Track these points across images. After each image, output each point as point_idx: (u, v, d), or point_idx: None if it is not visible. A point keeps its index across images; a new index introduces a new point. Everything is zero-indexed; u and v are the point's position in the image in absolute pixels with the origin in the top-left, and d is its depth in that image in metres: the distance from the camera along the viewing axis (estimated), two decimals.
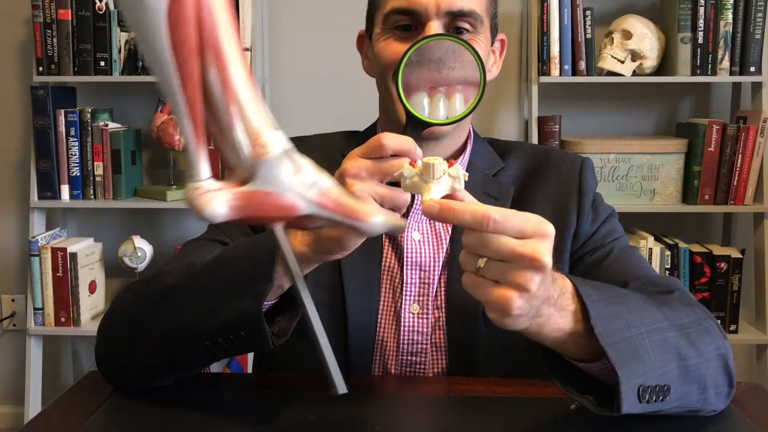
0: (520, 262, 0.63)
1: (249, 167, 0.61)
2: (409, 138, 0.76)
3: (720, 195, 2.18)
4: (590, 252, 1.01)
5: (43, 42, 2.20)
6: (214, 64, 0.57)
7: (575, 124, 2.38)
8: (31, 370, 2.31)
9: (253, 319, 0.77)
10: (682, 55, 2.14)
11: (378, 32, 0.99)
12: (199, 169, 0.61)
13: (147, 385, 0.88)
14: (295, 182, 0.62)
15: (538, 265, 0.63)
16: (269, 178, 0.61)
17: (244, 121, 0.60)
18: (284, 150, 0.61)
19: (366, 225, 0.67)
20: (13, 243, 2.52)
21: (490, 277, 0.65)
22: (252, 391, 0.94)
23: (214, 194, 0.60)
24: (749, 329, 2.27)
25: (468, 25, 0.95)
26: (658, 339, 0.74)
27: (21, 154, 2.47)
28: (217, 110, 0.59)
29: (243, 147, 0.60)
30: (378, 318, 1.00)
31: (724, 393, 0.81)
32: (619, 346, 0.71)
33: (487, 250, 0.64)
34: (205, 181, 0.61)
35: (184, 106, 0.58)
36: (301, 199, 0.63)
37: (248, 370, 2.18)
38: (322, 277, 0.99)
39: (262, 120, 0.60)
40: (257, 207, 0.62)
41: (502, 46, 1.08)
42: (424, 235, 1.02)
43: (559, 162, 1.06)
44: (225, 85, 0.58)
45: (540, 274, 0.64)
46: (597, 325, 0.71)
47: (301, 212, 0.63)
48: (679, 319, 0.79)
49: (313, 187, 0.63)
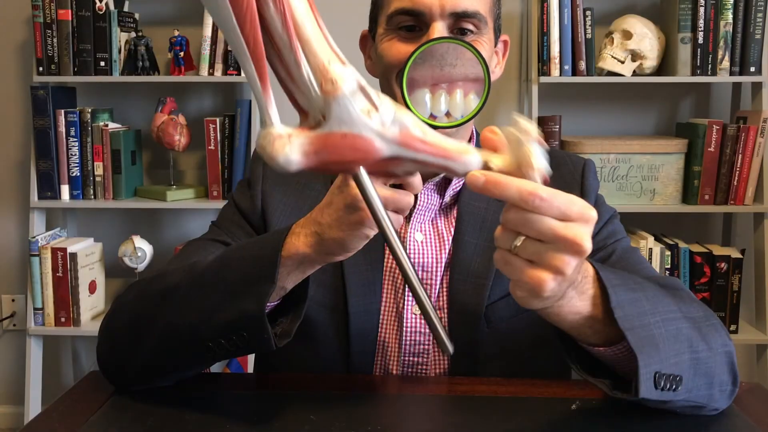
0: (560, 244, 0.61)
1: (320, 108, 0.56)
2: None
3: (720, 195, 2.18)
4: (592, 253, 1.01)
5: (43, 42, 2.20)
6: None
7: (575, 125, 2.38)
8: (31, 370, 2.31)
9: (255, 320, 0.77)
10: (682, 55, 2.14)
11: (382, 32, 0.99)
12: (269, 114, 0.57)
13: (148, 385, 0.88)
14: (374, 120, 0.57)
15: (579, 249, 0.61)
16: (343, 118, 0.56)
17: (309, 57, 0.55)
18: (358, 85, 0.56)
19: (460, 164, 0.60)
20: (13, 243, 2.52)
21: (526, 256, 0.63)
22: (252, 391, 0.94)
23: (286, 140, 0.56)
24: (749, 329, 2.27)
25: (472, 26, 0.95)
26: (673, 328, 0.75)
27: (21, 154, 2.47)
28: (280, 48, 0.55)
29: (311, 85, 0.56)
30: (380, 319, 1.00)
31: (728, 391, 0.82)
32: (637, 331, 0.72)
33: (529, 229, 0.61)
34: (276, 127, 0.57)
35: (243, 46, 0.54)
36: (381, 138, 0.57)
37: (248, 370, 2.18)
38: (324, 278, 0.99)
39: (329, 55, 0.56)
40: (332, 150, 0.57)
41: (505, 47, 1.08)
42: (427, 236, 1.02)
43: (560, 163, 1.06)
44: (285, 19, 0.54)
45: (578, 258, 0.62)
46: (617, 308, 0.71)
47: (382, 154, 0.58)
48: (691, 312, 0.80)
49: (395, 125, 0.58)
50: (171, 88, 2.37)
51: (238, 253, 0.85)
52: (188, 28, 2.28)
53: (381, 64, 0.99)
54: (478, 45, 0.95)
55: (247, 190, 1.07)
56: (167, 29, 2.30)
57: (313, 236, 0.78)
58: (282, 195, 1.04)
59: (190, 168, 2.48)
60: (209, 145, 2.26)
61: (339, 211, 0.76)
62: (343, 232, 0.76)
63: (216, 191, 2.27)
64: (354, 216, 0.74)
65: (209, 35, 2.20)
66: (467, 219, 1.01)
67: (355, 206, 0.74)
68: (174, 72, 2.25)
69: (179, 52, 2.24)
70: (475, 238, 1.00)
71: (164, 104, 2.27)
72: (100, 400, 0.86)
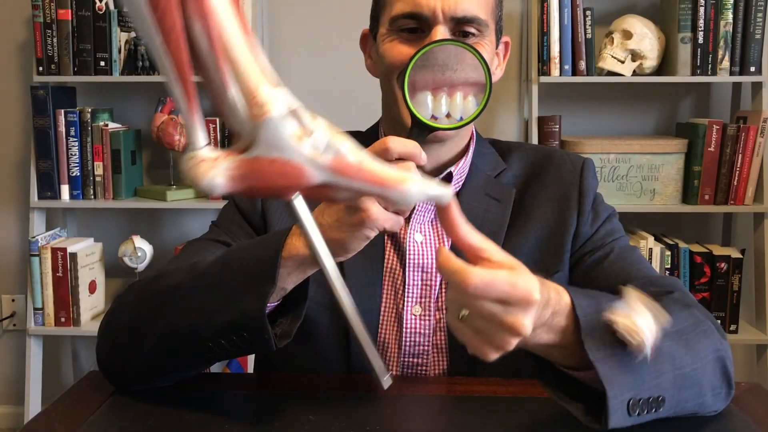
0: (500, 326, 0.63)
1: (250, 131, 0.54)
2: (414, 142, 0.76)
3: (720, 195, 2.18)
4: (590, 252, 1.01)
5: (43, 42, 2.20)
6: (197, 16, 0.51)
7: (575, 124, 2.38)
8: (31, 370, 2.31)
9: (256, 320, 0.77)
10: (682, 55, 2.14)
11: (384, 33, 0.99)
12: (195, 137, 0.55)
13: (148, 386, 0.88)
14: (305, 146, 0.55)
15: (518, 332, 0.62)
16: (272, 142, 0.54)
17: (238, 79, 0.53)
18: (289, 109, 0.55)
19: (398, 194, 0.59)
20: (13, 243, 2.52)
21: (472, 327, 0.64)
22: (252, 391, 0.94)
23: (212, 163, 0.54)
24: (749, 329, 2.27)
25: (473, 29, 0.95)
26: (653, 349, 0.72)
27: (21, 154, 2.47)
28: (207, 69, 0.53)
29: (239, 108, 0.54)
30: (380, 319, 1.00)
31: (723, 394, 0.81)
32: (611, 359, 0.69)
33: (470, 309, 0.63)
34: (202, 150, 0.55)
35: (170, 65, 0.51)
36: (312, 165, 0.55)
37: (248, 370, 2.18)
38: (323, 278, 0.99)
39: (259, 76, 0.54)
40: (260, 176, 0.55)
41: (506, 48, 1.08)
42: (427, 237, 1.02)
43: (560, 162, 1.06)
44: (212, 39, 0.52)
45: (519, 338, 0.63)
46: (587, 339, 0.69)
47: (313, 180, 0.56)
48: (676, 325, 0.77)
49: (329, 151, 0.56)
50: None
51: (239, 253, 0.85)
52: None
53: (382, 65, 0.99)
54: (480, 47, 0.95)
55: None
56: None
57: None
58: None
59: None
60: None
61: (339, 212, 0.76)
62: (343, 233, 0.75)
63: None
64: (354, 217, 0.74)
65: None
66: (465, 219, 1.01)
67: (355, 207, 0.74)
68: None
69: None
70: None
71: (164, 104, 2.27)
72: (99, 399, 0.86)
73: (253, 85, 0.53)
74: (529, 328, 0.63)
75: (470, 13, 0.94)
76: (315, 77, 2.41)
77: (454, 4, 0.93)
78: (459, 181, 1.03)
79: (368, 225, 0.74)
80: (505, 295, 0.61)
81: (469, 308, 0.63)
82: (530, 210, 1.03)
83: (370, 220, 0.74)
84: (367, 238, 0.76)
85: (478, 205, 1.02)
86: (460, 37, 0.95)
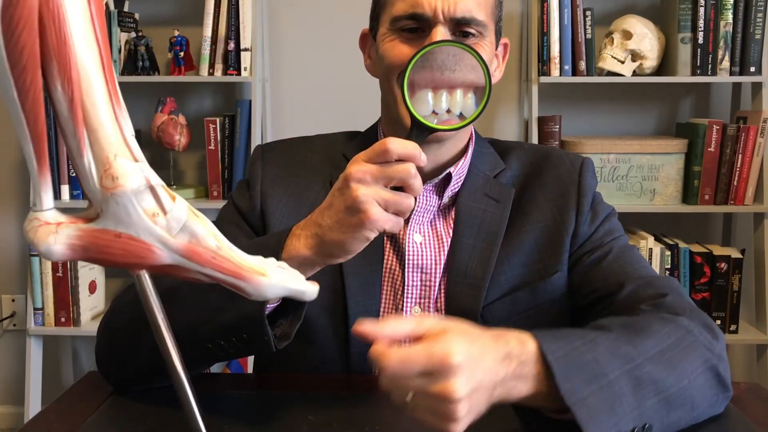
0: (435, 398, 0.62)
1: (100, 201, 0.52)
2: (414, 143, 0.76)
3: (720, 195, 2.18)
4: (589, 252, 1.01)
5: None
6: (59, 79, 0.49)
7: (575, 125, 2.38)
8: (31, 370, 2.30)
9: (255, 321, 0.77)
10: (682, 56, 2.14)
11: (384, 33, 0.99)
12: (41, 198, 0.52)
13: (147, 386, 0.88)
14: (157, 224, 0.53)
15: (452, 399, 0.61)
16: (121, 217, 0.52)
17: (94, 146, 0.51)
18: (146, 184, 0.52)
19: (252, 287, 0.57)
20: (13, 243, 2.52)
21: (420, 406, 0.64)
22: (251, 392, 0.94)
23: (53, 229, 0.52)
24: (749, 329, 2.27)
25: (473, 30, 0.95)
26: (632, 379, 0.71)
27: (21, 154, 2.47)
28: (65, 131, 0.51)
29: (93, 176, 0.51)
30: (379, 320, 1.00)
31: (719, 400, 0.80)
32: (588, 401, 0.68)
33: (402, 390, 0.63)
34: (47, 212, 0.52)
35: (23, 122, 0.49)
36: (162, 245, 0.53)
37: (248, 370, 2.18)
38: (324, 279, 0.98)
39: (118, 147, 0.52)
40: (103, 250, 0.53)
41: (505, 49, 1.08)
42: (426, 238, 1.02)
43: (558, 162, 1.06)
44: (72, 104, 0.50)
45: (456, 403, 0.62)
46: (562, 384, 0.67)
47: (162, 261, 0.54)
48: (659, 344, 0.76)
49: (184, 233, 0.54)
50: (171, 88, 2.36)
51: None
52: (188, 28, 2.28)
53: (382, 65, 0.99)
54: (479, 48, 0.95)
55: (246, 191, 1.06)
56: (167, 29, 2.30)
57: (313, 238, 0.78)
58: (281, 196, 1.04)
59: (190, 168, 2.48)
60: (209, 145, 2.26)
61: (339, 213, 0.76)
62: (343, 234, 0.75)
63: (216, 191, 2.27)
64: (354, 218, 0.74)
65: (209, 35, 2.20)
66: (465, 220, 1.01)
67: (355, 208, 0.74)
68: (174, 72, 2.25)
69: (179, 52, 2.24)
70: (472, 240, 1.00)
71: (164, 104, 2.27)
72: (99, 399, 0.86)
73: (108, 156, 0.51)
74: (461, 391, 0.61)
75: (470, 14, 0.94)
76: (315, 77, 2.41)
77: (454, 4, 0.93)
78: (458, 182, 1.03)
79: (368, 226, 0.74)
80: (423, 366, 0.61)
81: (401, 390, 0.63)
82: (529, 210, 1.03)
83: (370, 222, 0.74)
84: (367, 240, 0.76)
85: (477, 206, 1.02)
86: (459, 38, 0.95)
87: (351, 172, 0.75)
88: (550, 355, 0.68)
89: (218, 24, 2.20)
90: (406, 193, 0.75)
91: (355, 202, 0.73)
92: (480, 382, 0.64)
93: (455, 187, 1.03)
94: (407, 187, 0.76)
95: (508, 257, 1.00)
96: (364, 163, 0.75)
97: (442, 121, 0.87)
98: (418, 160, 0.75)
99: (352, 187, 0.74)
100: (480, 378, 0.64)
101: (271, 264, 0.59)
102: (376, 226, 0.75)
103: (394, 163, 0.75)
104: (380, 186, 0.74)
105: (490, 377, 0.65)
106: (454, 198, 1.03)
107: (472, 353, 0.63)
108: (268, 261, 0.59)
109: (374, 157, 0.75)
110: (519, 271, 1.00)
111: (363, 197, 0.73)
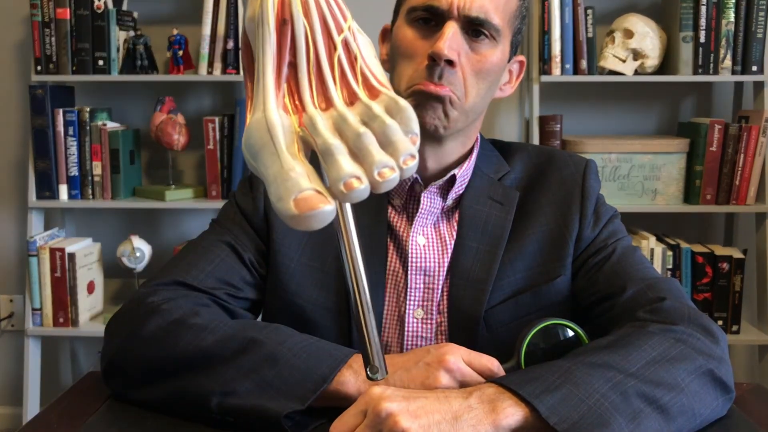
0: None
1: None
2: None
3: (722, 195, 2.17)
4: (593, 255, 1.00)
5: (42, 41, 2.19)
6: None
7: (576, 124, 2.37)
8: (30, 370, 2.29)
9: (273, 420, 0.75)
10: (684, 55, 2.13)
11: (399, 23, 0.99)
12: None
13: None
14: None
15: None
16: None
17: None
18: None
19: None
20: (11, 243, 2.51)
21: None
22: None
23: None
24: (751, 330, 2.26)
25: (485, 32, 0.94)
26: (617, 395, 0.71)
27: (19, 154, 2.46)
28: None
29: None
30: (382, 322, 0.99)
31: (721, 402, 0.79)
32: (579, 423, 0.68)
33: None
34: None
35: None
36: None
37: None
38: (327, 281, 0.98)
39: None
40: None
41: (520, 67, 1.08)
42: (429, 240, 1.01)
43: (562, 165, 1.05)
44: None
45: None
46: (551, 416, 0.68)
47: None
48: (643, 357, 0.76)
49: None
50: (170, 87, 2.36)
51: (291, 360, 0.80)
52: (187, 27, 2.27)
53: (393, 48, 1.00)
54: (489, 55, 0.94)
55: (249, 191, 1.05)
56: (166, 28, 2.30)
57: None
58: None
59: (188, 168, 2.47)
60: (208, 145, 2.25)
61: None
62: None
63: (215, 191, 2.26)
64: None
65: (208, 34, 2.19)
66: (468, 223, 1.00)
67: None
68: (173, 71, 2.24)
69: (178, 51, 2.23)
70: (476, 242, 0.99)
71: (163, 103, 2.26)
72: (98, 400, 0.86)
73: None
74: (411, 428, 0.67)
75: (484, 16, 0.93)
76: None
77: (471, 2, 0.92)
78: (462, 184, 1.02)
79: None
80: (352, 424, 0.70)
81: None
82: (533, 213, 1.02)
83: None
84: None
85: (480, 209, 1.01)
86: (471, 37, 0.94)
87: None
88: (528, 396, 0.71)
89: (217, 23, 2.19)
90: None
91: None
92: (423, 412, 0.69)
93: (459, 189, 1.02)
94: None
95: (512, 260, 0.99)
96: None
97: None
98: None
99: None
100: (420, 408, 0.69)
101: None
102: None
103: None
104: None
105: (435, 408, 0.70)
106: (457, 200, 1.03)
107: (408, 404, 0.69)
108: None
109: None
110: (522, 274, 0.99)
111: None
